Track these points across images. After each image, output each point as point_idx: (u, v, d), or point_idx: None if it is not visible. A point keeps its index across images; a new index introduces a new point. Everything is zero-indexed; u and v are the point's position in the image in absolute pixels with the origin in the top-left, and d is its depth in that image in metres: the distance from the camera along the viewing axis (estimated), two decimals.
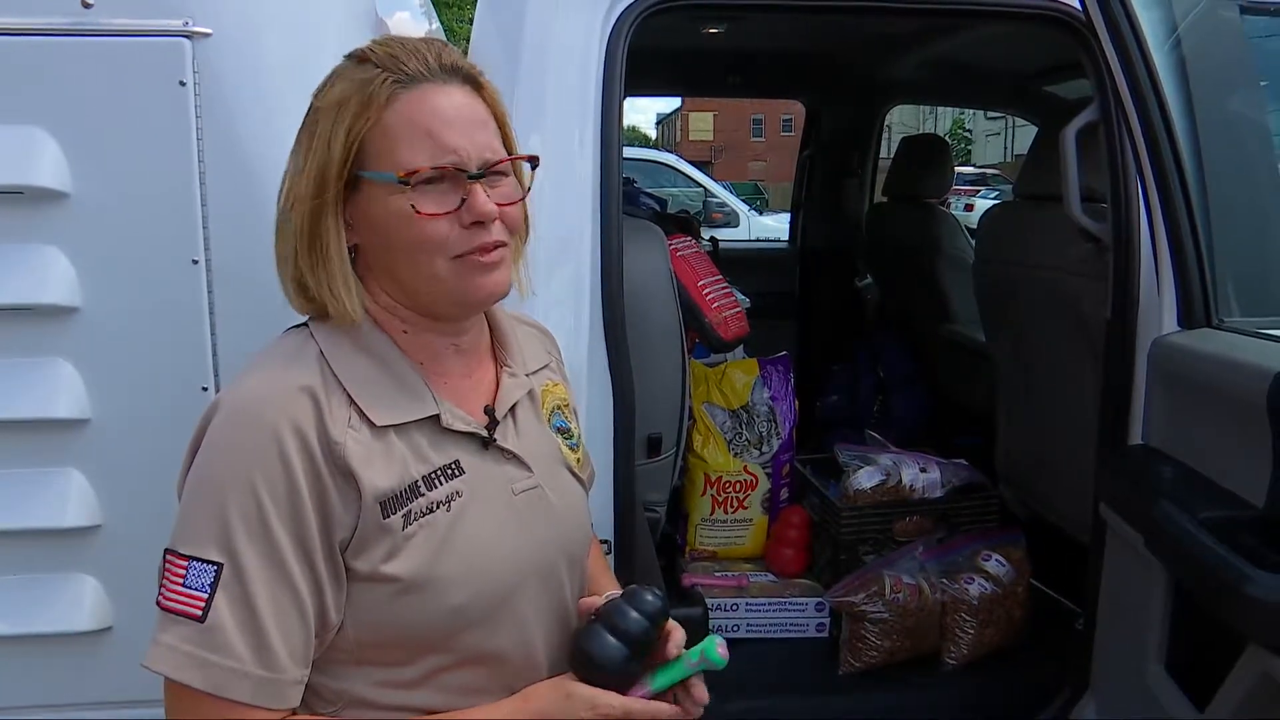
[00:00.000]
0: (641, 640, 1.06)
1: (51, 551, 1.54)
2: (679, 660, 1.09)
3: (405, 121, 1.00)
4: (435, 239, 1.00)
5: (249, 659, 0.94)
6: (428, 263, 1.01)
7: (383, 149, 1.00)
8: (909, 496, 2.49)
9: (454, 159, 1.00)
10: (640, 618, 1.06)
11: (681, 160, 11.33)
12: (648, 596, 1.07)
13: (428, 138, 1.00)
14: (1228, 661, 1.42)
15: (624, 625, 1.05)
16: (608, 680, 1.05)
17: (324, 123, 1.01)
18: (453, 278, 1.02)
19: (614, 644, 1.04)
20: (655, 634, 1.07)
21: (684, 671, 1.08)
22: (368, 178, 1.01)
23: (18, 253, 1.46)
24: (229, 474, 0.96)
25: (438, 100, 1.01)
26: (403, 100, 1.00)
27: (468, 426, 1.07)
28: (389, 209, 1.00)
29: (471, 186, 1.01)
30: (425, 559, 1.00)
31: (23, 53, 1.42)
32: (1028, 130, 4.19)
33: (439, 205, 1.00)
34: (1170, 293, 1.74)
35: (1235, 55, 1.83)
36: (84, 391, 1.50)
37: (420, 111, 1.00)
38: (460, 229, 1.01)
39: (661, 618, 1.08)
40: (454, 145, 1.00)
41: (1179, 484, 1.62)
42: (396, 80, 1.00)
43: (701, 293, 2.35)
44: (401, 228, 1.00)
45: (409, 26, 2.13)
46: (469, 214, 1.00)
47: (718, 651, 1.07)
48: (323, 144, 1.01)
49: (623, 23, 1.77)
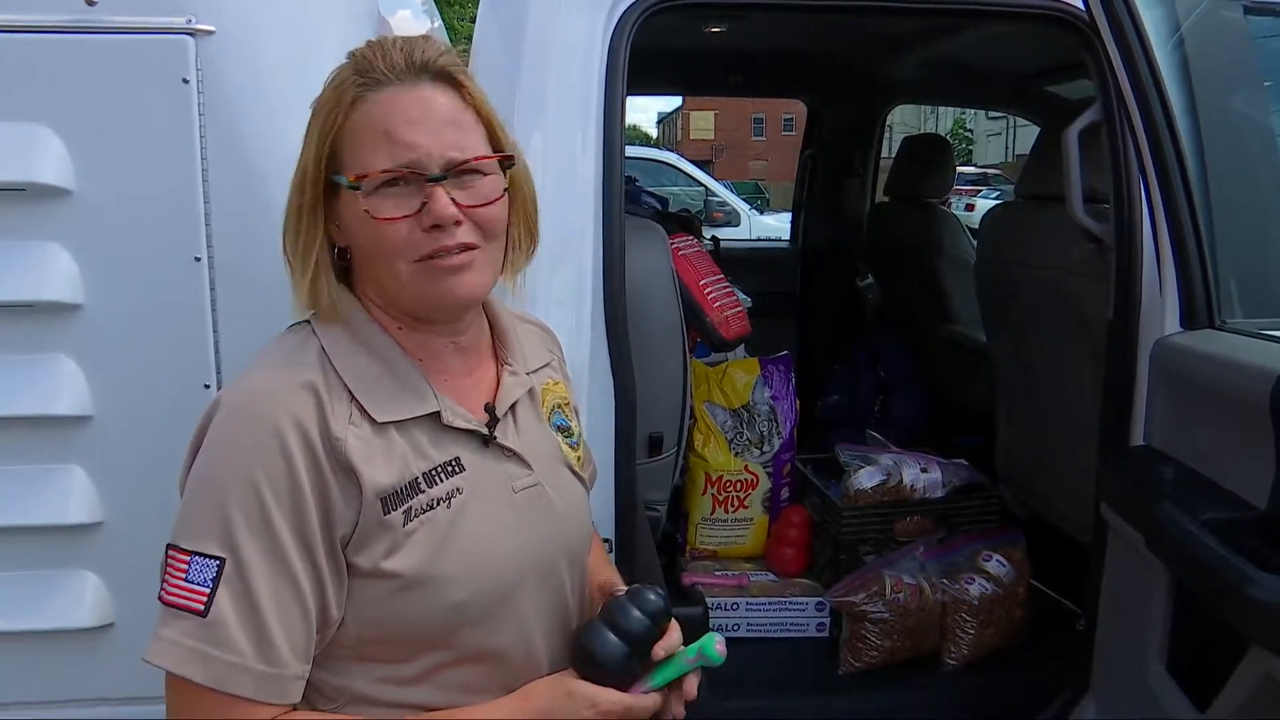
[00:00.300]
0: (643, 639, 1.06)
1: (53, 548, 1.54)
2: (677, 657, 1.09)
3: (367, 125, 1.00)
4: (394, 243, 1.00)
5: (251, 654, 0.94)
6: (391, 265, 1.01)
7: (349, 152, 1.01)
8: (910, 496, 2.49)
9: (410, 160, 0.99)
10: (643, 616, 1.06)
11: (683, 159, 11.34)
12: (650, 595, 1.08)
13: (386, 141, 0.99)
14: (1229, 662, 1.42)
15: (626, 624, 1.06)
16: (608, 678, 1.06)
17: (311, 125, 1.03)
18: (417, 281, 1.02)
19: (615, 642, 1.05)
20: (657, 633, 1.08)
21: (682, 669, 1.09)
22: (336, 181, 1.01)
23: (20, 249, 1.47)
24: (231, 470, 0.97)
25: (400, 102, 1.00)
26: (368, 103, 1.00)
27: (468, 424, 1.07)
28: (354, 212, 1.01)
29: (431, 189, 1.00)
30: (426, 555, 1.00)
31: (27, 49, 1.43)
32: (1029, 130, 4.19)
33: (397, 208, 0.99)
34: (1172, 293, 1.74)
35: (1238, 55, 1.84)
36: (86, 388, 1.50)
37: (381, 114, 1.00)
38: (421, 232, 1.00)
39: (664, 617, 1.09)
40: (413, 146, 1.00)
41: (1181, 485, 1.62)
42: (363, 83, 1.00)
43: (703, 292, 2.35)
44: (364, 231, 1.01)
45: (410, 24, 2.13)
46: (428, 217, 1.00)
47: (716, 649, 1.08)
48: (307, 147, 1.02)
49: (625, 21, 1.77)
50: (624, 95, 1.79)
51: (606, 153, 1.76)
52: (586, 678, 1.06)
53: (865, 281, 4.32)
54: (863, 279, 4.33)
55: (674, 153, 13.34)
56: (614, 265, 1.76)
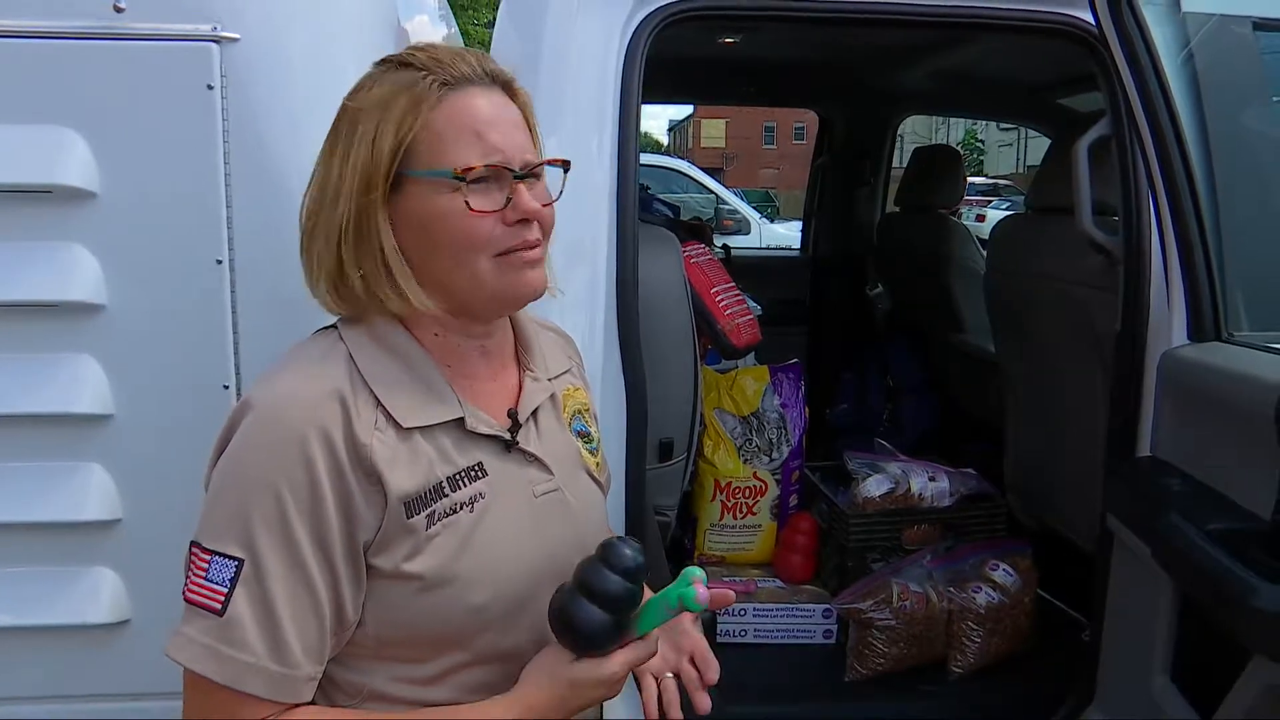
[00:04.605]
0: (624, 600, 1.01)
1: (72, 544, 1.55)
2: (658, 605, 1.05)
3: (454, 122, 1.02)
4: (482, 236, 1.02)
5: (264, 654, 0.96)
6: (472, 260, 1.03)
7: (432, 148, 1.02)
8: (917, 505, 2.49)
9: (501, 158, 1.02)
10: (619, 579, 1.01)
11: (694, 167, 11.35)
12: (626, 551, 1.02)
13: (476, 138, 1.02)
14: (1234, 673, 1.43)
15: (603, 587, 1.00)
16: (601, 649, 1.02)
17: (365, 123, 1.02)
18: (495, 275, 1.04)
19: (599, 615, 1.00)
20: (639, 591, 1.03)
21: (663, 617, 1.04)
22: (416, 176, 1.02)
23: (46, 250, 1.48)
24: (255, 474, 0.98)
25: (483, 102, 1.03)
26: (450, 101, 1.02)
27: (491, 429, 1.09)
28: (437, 207, 1.02)
29: (516, 185, 1.03)
30: (447, 558, 1.02)
31: (55, 55, 1.44)
32: (1041, 141, 4.19)
33: (487, 203, 1.02)
34: (1180, 306, 1.74)
35: (1247, 70, 1.84)
36: (107, 388, 1.51)
37: (468, 113, 1.02)
38: (504, 227, 1.03)
39: (642, 574, 1.03)
40: (500, 145, 1.03)
41: (1186, 496, 1.63)
42: (444, 82, 1.02)
43: (715, 299, 2.37)
44: (449, 225, 1.02)
45: (427, 30, 2.15)
46: (515, 212, 1.03)
47: (695, 598, 1.01)
48: (366, 144, 1.01)
49: (642, 31, 1.80)
50: (639, 103, 1.81)
51: (621, 160, 1.78)
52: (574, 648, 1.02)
53: (875, 290, 4.33)
54: (873, 288, 4.34)
55: (685, 160, 13.35)
56: (628, 272, 1.77)
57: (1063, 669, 2.15)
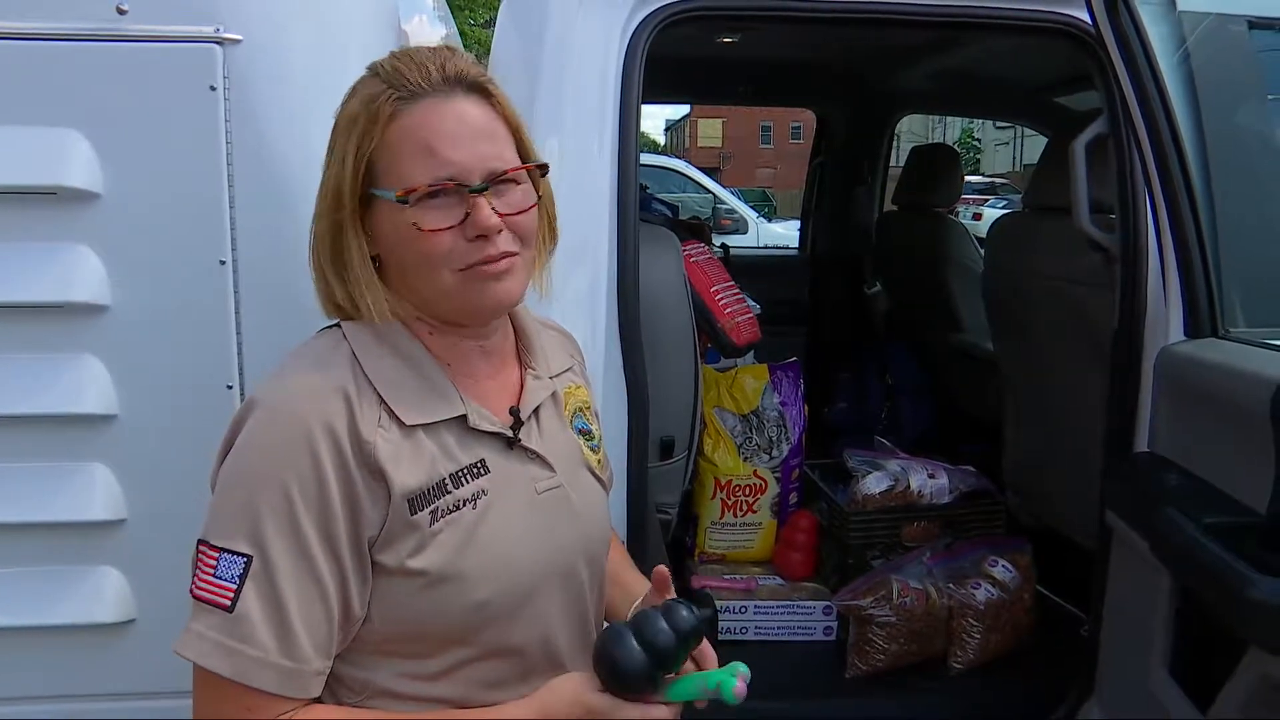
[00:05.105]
0: (667, 654, 1.03)
1: (77, 544, 1.56)
2: (698, 678, 1.06)
3: (406, 138, 1.01)
4: (439, 253, 1.02)
5: (274, 649, 0.97)
6: (435, 276, 1.03)
7: (388, 166, 1.02)
8: (917, 502, 2.50)
9: (453, 172, 1.01)
10: (670, 633, 1.02)
11: (691, 166, 11.36)
12: (684, 613, 1.04)
13: (428, 154, 1.01)
14: (1231, 666, 1.44)
15: (653, 635, 1.02)
16: (628, 688, 1.03)
17: (339, 139, 1.04)
18: (460, 289, 1.04)
19: (639, 655, 1.01)
20: (683, 653, 1.04)
21: (696, 694, 1.06)
22: (376, 195, 1.03)
23: (50, 251, 1.49)
24: (262, 471, 0.99)
25: (438, 114, 1.02)
26: (404, 116, 1.01)
27: (493, 427, 1.09)
28: (395, 226, 1.02)
29: (474, 200, 1.01)
30: (450, 554, 1.02)
31: (59, 56, 1.45)
32: (1037, 140, 4.20)
33: (442, 220, 1.01)
34: (1177, 303, 1.75)
35: (1242, 69, 1.85)
36: (111, 388, 1.52)
37: (420, 127, 1.01)
38: (465, 242, 1.02)
39: (693, 640, 1.05)
40: (454, 159, 1.01)
41: (1184, 491, 1.64)
42: (399, 97, 1.01)
43: (715, 298, 2.38)
44: (408, 244, 1.02)
45: (425, 31, 2.16)
46: (472, 228, 1.01)
47: (734, 690, 1.03)
48: (338, 160, 1.03)
49: (642, 31, 1.80)
50: (639, 103, 1.81)
51: (621, 159, 1.79)
52: (606, 684, 1.03)
53: (873, 289, 4.33)
54: (871, 287, 4.34)
55: (682, 160, 13.35)
56: (628, 271, 1.78)
57: (1062, 664, 2.15)
